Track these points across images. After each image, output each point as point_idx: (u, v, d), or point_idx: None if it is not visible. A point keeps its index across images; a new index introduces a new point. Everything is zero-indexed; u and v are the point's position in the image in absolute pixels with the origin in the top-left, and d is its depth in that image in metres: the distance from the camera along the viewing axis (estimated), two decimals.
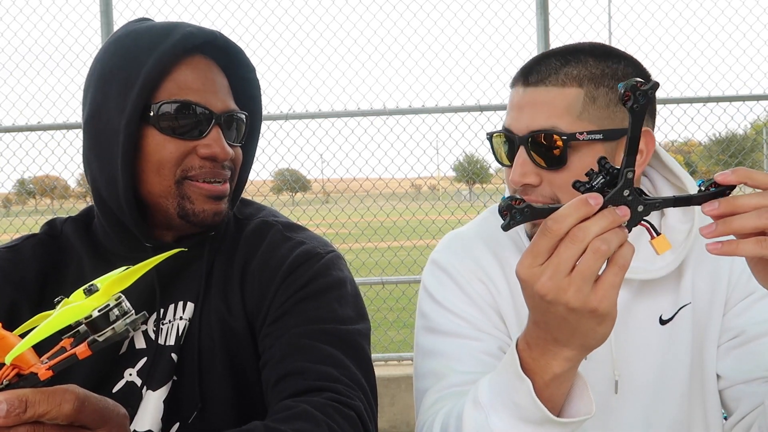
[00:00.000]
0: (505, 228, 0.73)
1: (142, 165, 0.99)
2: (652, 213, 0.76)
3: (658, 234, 0.76)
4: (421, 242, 4.53)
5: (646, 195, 0.76)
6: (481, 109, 3.85)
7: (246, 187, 1.15)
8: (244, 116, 1.07)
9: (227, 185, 1.04)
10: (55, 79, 4.17)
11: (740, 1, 4.10)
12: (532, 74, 1.06)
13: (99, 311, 0.57)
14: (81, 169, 4.62)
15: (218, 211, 1.02)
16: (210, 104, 1.00)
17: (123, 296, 0.60)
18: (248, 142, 1.11)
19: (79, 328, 0.59)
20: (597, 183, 0.75)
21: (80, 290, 0.62)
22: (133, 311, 0.60)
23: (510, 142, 1.07)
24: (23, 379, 0.58)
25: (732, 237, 0.75)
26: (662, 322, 1.11)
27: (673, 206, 0.78)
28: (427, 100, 4.34)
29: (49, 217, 1.15)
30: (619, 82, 1.04)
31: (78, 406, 0.58)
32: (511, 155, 1.07)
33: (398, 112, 3.94)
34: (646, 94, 0.70)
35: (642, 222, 0.76)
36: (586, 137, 1.00)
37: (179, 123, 0.98)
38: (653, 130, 1.10)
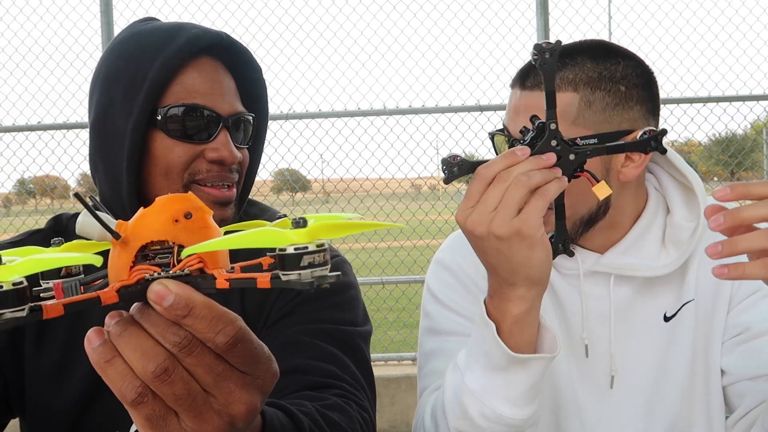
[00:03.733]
0: (446, 181, 0.84)
1: (150, 168, 0.98)
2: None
3: (598, 181, 0.85)
4: (421, 242, 4.52)
5: (576, 145, 0.85)
6: (481, 109, 3.85)
7: None
8: (251, 118, 1.05)
9: (234, 190, 1.02)
10: (55, 79, 4.16)
11: (740, 1, 4.10)
12: (528, 78, 1.06)
13: (295, 249, 0.49)
14: (81, 169, 4.63)
15: (224, 218, 1.00)
16: (217, 107, 0.98)
17: (329, 247, 0.52)
18: (255, 143, 1.09)
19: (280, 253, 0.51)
20: (528, 138, 0.85)
21: (288, 220, 0.57)
22: (329, 267, 0.52)
23: (509, 141, 1.10)
24: (202, 277, 0.52)
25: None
26: (666, 319, 1.11)
27: (606, 153, 0.87)
28: (427, 100, 4.34)
29: (50, 217, 1.14)
30: (618, 84, 1.04)
31: (231, 343, 0.51)
32: None
33: (398, 112, 3.94)
34: (549, 52, 0.81)
35: (581, 171, 0.85)
36: (579, 143, 1.01)
37: (187, 126, 0.97)
38: (657, 126, 1.10)
